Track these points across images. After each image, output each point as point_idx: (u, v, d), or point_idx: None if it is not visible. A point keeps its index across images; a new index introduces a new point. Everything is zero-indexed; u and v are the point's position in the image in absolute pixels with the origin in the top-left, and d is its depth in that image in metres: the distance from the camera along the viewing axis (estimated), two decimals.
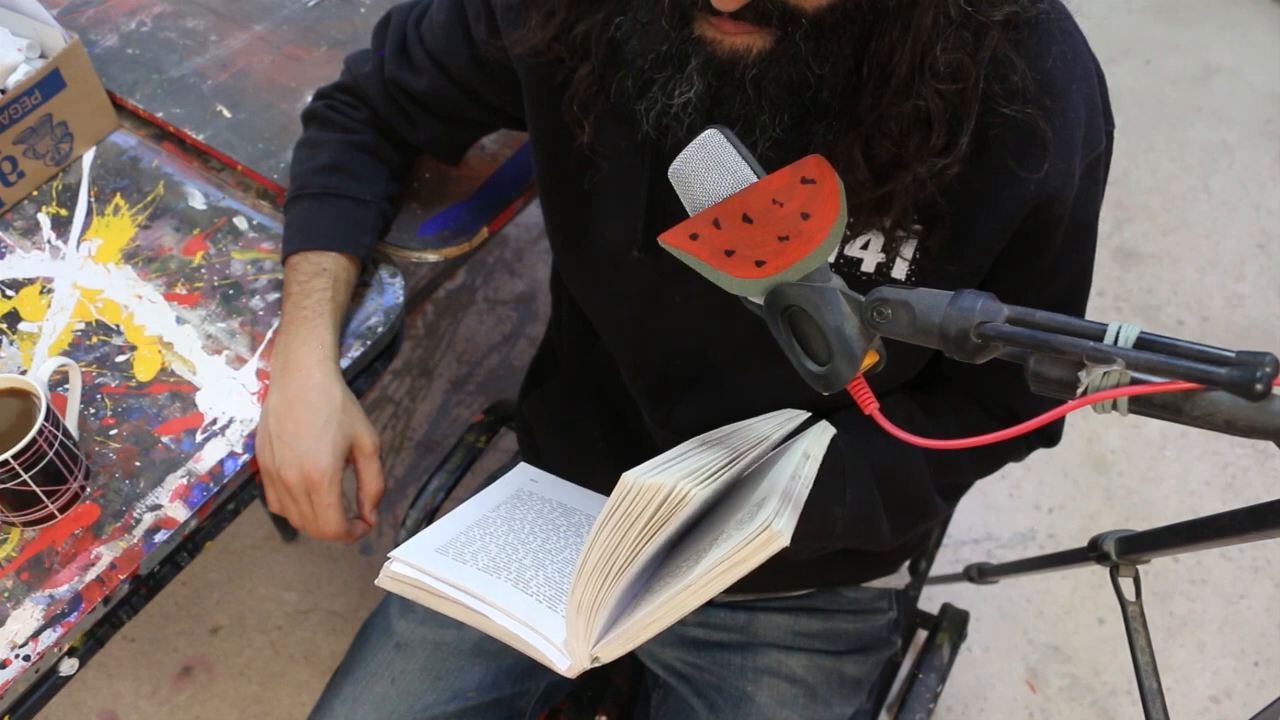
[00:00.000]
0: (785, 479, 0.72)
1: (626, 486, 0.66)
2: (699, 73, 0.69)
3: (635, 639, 0.71)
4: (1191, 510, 1.85)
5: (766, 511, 0.66)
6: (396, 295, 1.08)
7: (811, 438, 0.80)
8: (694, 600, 0.68)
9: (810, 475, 0.74)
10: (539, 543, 0.85)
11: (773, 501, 0.68)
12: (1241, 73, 2.53)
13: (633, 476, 0.66)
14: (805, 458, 0.76)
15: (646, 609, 0.70)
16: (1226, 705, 1.65)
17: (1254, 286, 2.14)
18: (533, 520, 0.88)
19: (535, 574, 0.80)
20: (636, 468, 0.67)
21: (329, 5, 1.32)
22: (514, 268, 2.10)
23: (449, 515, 0.87)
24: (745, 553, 0.65)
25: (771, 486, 0.72)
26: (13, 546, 0.91)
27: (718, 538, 0.71)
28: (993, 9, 0.69)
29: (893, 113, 0.70)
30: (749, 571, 0.66)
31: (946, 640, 1.19)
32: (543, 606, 0.76)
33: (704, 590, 0.67)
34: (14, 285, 1.07)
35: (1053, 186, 0.76)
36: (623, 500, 0.66)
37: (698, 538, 0.76)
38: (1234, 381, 0.49)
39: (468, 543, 0.82)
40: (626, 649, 0.72)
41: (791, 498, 0.69)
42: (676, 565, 0.74)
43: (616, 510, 0.66)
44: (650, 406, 0.98)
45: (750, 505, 0.72)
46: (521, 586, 0.78)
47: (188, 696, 1.63)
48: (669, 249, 0.67)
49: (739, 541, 0.65)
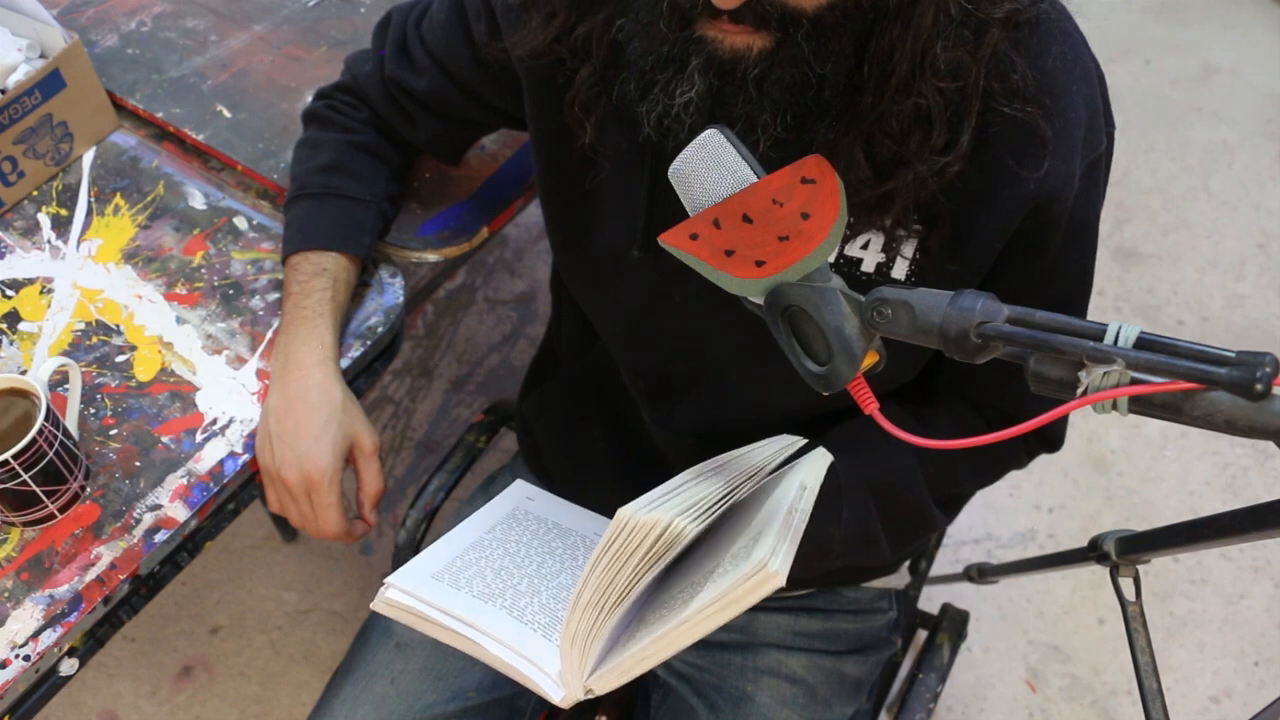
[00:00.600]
0: (782, 512, 0.71)
1: (623, 522, 0.65)
2: (700, 72, 0.69)
3: (629, 673, 0.71)
4: (1191, 510, 1.85)
5: (762, 549, 0.65)
6: (396, 295, 1.08)
7: (808, 467, 0.80)
8: (688, 637, 0.68)
9: (807, 508, 0.74)
10: (534, 567, 0.84)
11: (769, 538, 0.67)
12: (1241, 73, 2.53)
13: (629, 512, 0.65)
14: (802, 489, 0.75)
15: (641, 644, 0.70)
16: (1226, 705, 1.65)
17: (1254, 286, 2.14)
18: (528, 542, 0.88)
19: (530, 600, 0.79)
20: (632, 502, 0.67)
21: (329, 5, 1.32)
22: (514, 268, 2.10)
23: (445, 537, 0.86)
24: (741, 592, 0.65)
25: (768, 519, 0.71)
26: (13, 546, 0.91)
27: (713, 570, 0.71)
28: (993, 6, 0.69)
29: (894, 111, 0.70)
30: (745, 610, 0.66)
31: (946, 640, 1.19)
32: (537, 635, 0.76)
33: (699, 628, 0.67)
34: (14, 285, 1.07)
35: (1053, 187, 0.76)
36: (618, 535, 0.66)
37: (693, 567, 0.76)
38: (1234, 381, 0.49)
39: (463, 568, 0.82)
40: (620, 682, 0.71)
41: (788, 533, 0.69)
42: (671, 596, 0.74)
43: (612, 545, 0.66)
44: (650, 406, 0.98)
45: (746, 537, 0.71)
46: (516, 614, 0.78)
47: (188, 696, 1.63)
48: (669, 249, 0.67)
49: (735, 580, 0.65)
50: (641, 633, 0.71)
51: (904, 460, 0.89)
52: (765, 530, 0.69)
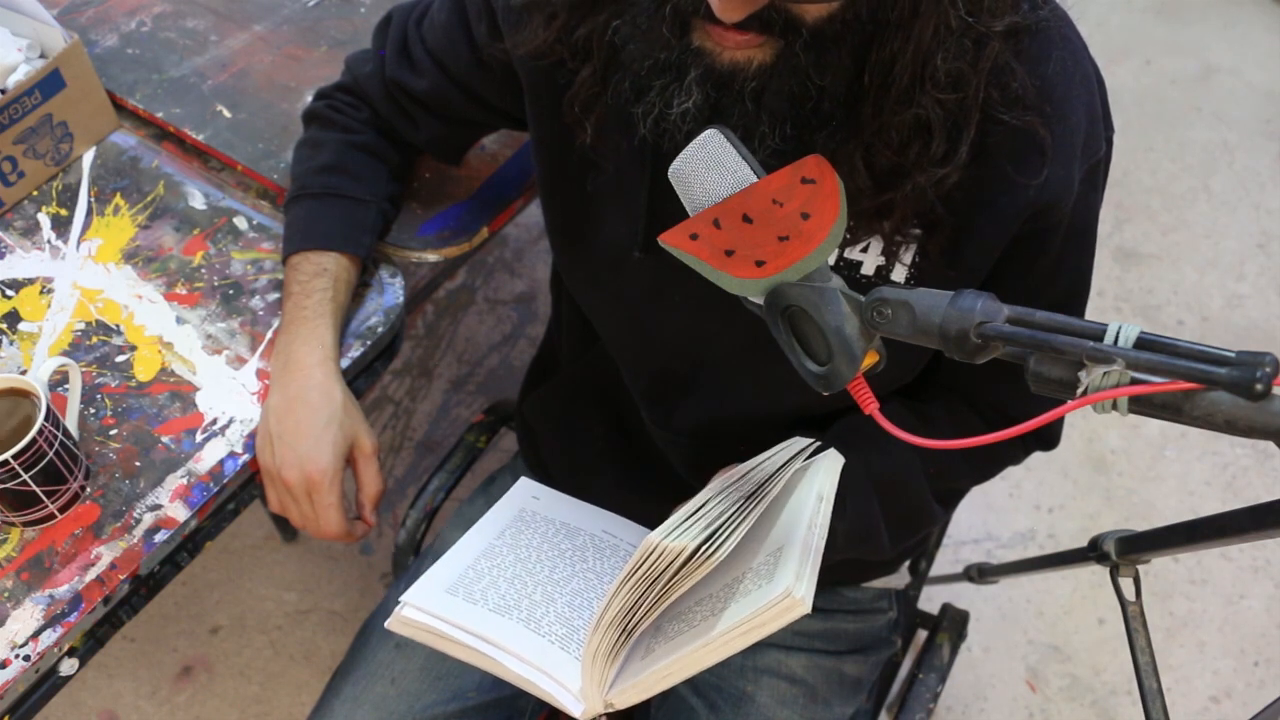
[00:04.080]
0: (802, 527, 0.72)
1: (650, 547, 0.66)
2: (698, 84, 0.69)
3: (650, 690, 0.72)
4: (1191, 510, 1.85)
5: (787, 575, 0.66)
6: (396, 295, 1.08)
7: (823, 476, 0.80)
8: (711, 658, 0.69)
9: (825, 522, 0.74)
10: (546, 573, 0.85)
11: (792, 560, 0.68)
12: (1241, 73, 2.53)
13: (657, 538, 0.66)
14: (819, 500, 0.76)
15: (664, 661, 0.70)
16: (1226, 705, 1.65)
17: (1254, 286, 2.14)
18: (538, 546, 0.88)
19: (546, 610, 0.80)
20: (660, 528, 0.68)
21: (329, 5, 1.32)
22: (514, 268, 2.10)
23: (455, 547, 0.87)
24: (765, 617, 0.66)
25: (788, 531, 0.72)
26: (13, 546, 0.91)
27: (733, 583, 0.71)
28: (994, 19, 0.69)
29: (893, 122, 0.70)
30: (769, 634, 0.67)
31: (946, 640, 1.19)
32: (555, 648, 0.76)
33: (722, 650, 0.68)
34: (14, 285, 1.07)
35: (1052, 193, 0.76)
36: (646, 559, 0.67)
37: (713, 577, 0.76)
38: (1234, 381, 0.49)
39: (476, 579, 0.82)
40: (641, 698, 0.72)
41: (810, 554, 0.70)
42: (689, 607, 0.74)
43: (640, 570, 0.67)
44: (650, 407, 0.98)
45: (766, 551, 0.72)
46: (533, 627, 0.78)
47: (188, 696, 1.63)
48: (669, 249, 0.67)
49: (760, 606, 0.66)
50: (660, 645, 0.72)
51: (905, 455, 0.89)
52: (786, 547, 0.70)
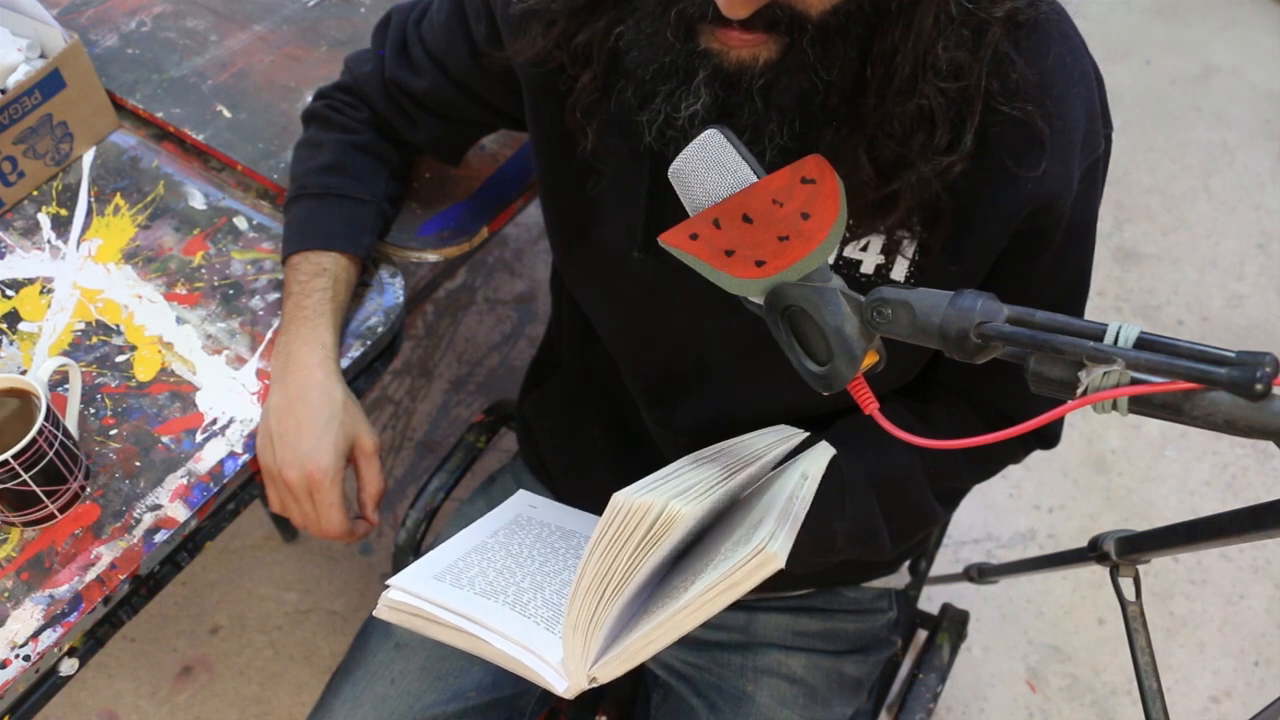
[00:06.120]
0: (783, 499, 0.71)
1: (617, 506, 0.65)
2: (706, 85, 0.69)
3: (632, 659, 0.71)
4: (1191, 510, 1.85)
5: (762, 533, 0.66)
6: (396, 295, 1.08)
7: (810, 459, 0.80)
8: (690, 622, 0.68)
9: (808, 496, 0.74)
10: (537, 565, 0.85)
11: (769, 522, 0.67)
12: (1241, 73, 2.53)
13: (623, 496, 0.65)
14: (803, 478, 0.75)
15: (643, 629, 0.70)
16: (1226, 705, 1.65)
17: (1254, 286, 2.15)
18: (531, 544, 0.88)
19: (534, 596, 0.79)
20: (627, 487, 0.67)
21: (329, 5, 1.32)
22: (514, 268, 2.10)
23: (447, 542, 0.86)
24: (740, 575, 0.65)
25: (768, 508, 0.72)
26: (13, 546, 0.91)
27: (714, 559, 0.71)
28: (993, 5, 0.69)
29: (896, 112, 0.70)
30: (745, 593, 0.66)
31: (946, 640, 1.19)
32: (540, 628, 0.76)
33: (699, 612, 0.67)
34: (14, 285, 1.07)
35: (1052, 189, 0.76)
36: (614, 520, 0.66)
37: (695, 559, 0.76)
38: (1234, 381, 0.49)
39: (465, 568, 0.82)
40: (624, 669, 0.71)
41: (789, 518, 0.69)
42: (674, 586, 0.74)
43: (608, 530, 0.66)
44: (650, 407, 0.98)
45: (746, 526, 0.71)
46: (520, 609, 0.77)
47: (188, 696, 1.63)
48: (669, 249, 0.67)
49: (734, 563, 0.65)
50: (644, 621, 0.72)
51: (905, 455, 0.89)
52: (765, 518, 0.70)
